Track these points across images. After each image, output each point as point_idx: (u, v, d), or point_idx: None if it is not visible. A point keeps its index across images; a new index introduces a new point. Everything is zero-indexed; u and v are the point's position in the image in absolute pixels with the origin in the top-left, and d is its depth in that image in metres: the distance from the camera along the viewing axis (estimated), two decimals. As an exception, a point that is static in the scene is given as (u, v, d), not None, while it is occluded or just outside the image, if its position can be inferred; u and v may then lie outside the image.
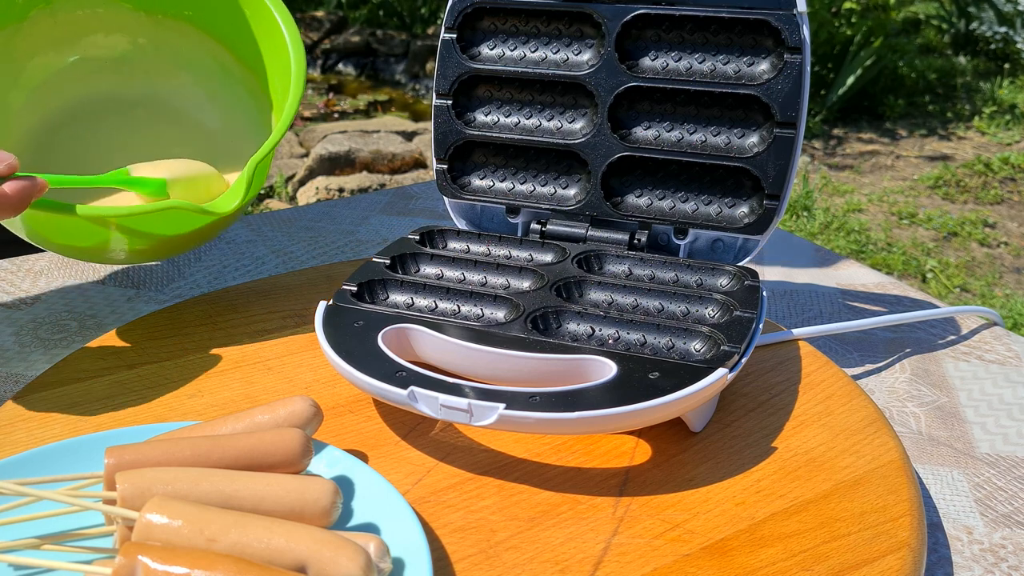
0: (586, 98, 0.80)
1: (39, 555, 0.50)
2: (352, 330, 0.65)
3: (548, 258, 0.77)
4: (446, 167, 0.83)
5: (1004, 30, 5.06)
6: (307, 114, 4.56)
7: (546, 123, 0.82)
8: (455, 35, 0.81)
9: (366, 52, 5.30)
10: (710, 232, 0.77)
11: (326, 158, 3.63)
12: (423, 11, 5.58)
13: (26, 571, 0.50)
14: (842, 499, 0.58)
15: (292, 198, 3.51)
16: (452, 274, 0.75)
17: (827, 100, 4.34)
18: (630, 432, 0.64)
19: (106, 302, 0.87)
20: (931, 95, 4.69)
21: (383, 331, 0.64)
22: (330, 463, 0.57)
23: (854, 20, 4.63)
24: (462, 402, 0.57)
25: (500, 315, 0.69)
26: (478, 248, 0.79)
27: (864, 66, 4.33)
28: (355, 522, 0.53)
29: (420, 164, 3.74)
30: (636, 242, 0.78)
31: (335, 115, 4.55)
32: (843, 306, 0.91)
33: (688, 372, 0.59)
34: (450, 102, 0.82)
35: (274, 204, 3.44)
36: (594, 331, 0.66)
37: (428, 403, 0.58)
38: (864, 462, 0.61)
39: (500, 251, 0.79)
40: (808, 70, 0.72)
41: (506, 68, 0.81)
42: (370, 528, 0.52)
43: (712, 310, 0.68)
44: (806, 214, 3.37)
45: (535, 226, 0.81)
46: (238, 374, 0.71)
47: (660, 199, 0.79)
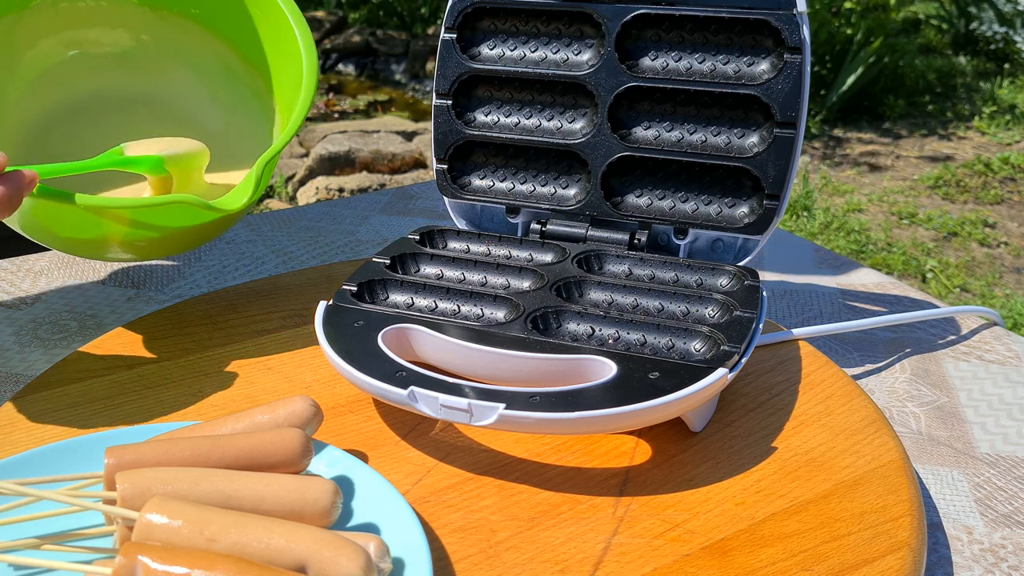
0: (586, 98, 0.80)
1: (39, 555, 0.50)
2: (352, 330, 0.65)
3: (548, 258, 0.77)
4: (446, 167, 0.83)
5: (1004, 30, 5.06)
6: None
7: (546, 123, 0.82)
8: (455, 35, 0.81)
9: (366, 52, 5.30)
10: (710, 232, 0.77)
11: (326, 158, 3.63)
12: (423, 11, 5.58)
13: (26, 571, 0.50)
14: (842, 499, 0.58)
15: (292, 198, 3.51)
16: (452, 274, 0.75)
17: (827, 100, 4.34)
18: (630, 432, 0.64)
19: (106, 302, 0.87)
20: (931, 95, 4.69)
21: (383, 331, 0.64)
22: (330, 463, 0.57)
23: (854, 20, 4.63)
24: (462, 402, 0.57)
25: (500, 315, 0.69)
26: (478, 248, 0.79)
27: (864, 66, 4.33)
28: (355, 522, 0.53)
29: (420, 164, 3.74)
30: (636, 242, 0.78)
31: (335, 115, 4.55)
32: (843, 306, 0.91)
33: (688, 372, 0.59)
34: (450, 102, 0.82)
35: (274, 204, 3.44)
36: (594, 331, 0.66)
37: (428, 403, 0.58)
38: (864, 462, 0.61)
39: (500, 251, 0.79)
40: (808, 70, 0.72)
41: (506, 68, 0.81)
42: (370, 528, 0.52)
43: (712, 310, 0.68)
44: (806, 214, 3.37)
45: (535, 226, 0.81)
46: (238, 374, 0.71)
47: (660, 199, 0.79)
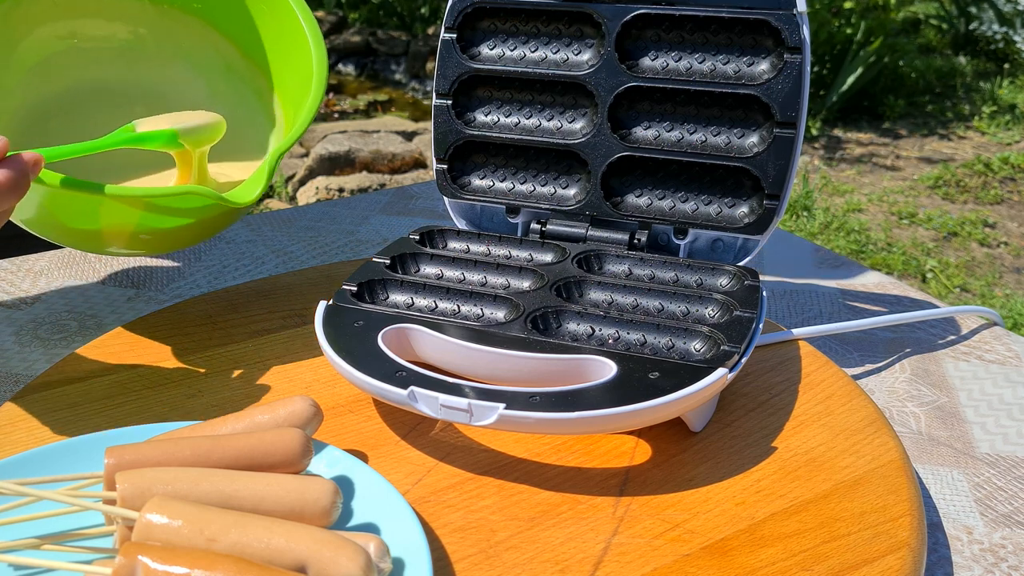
0: (586, 98, 0.80)
1: (39, 555, 0.50)
2: (352, 330, 0.65)
3: (548, 258, 0.77)
4: (446, 167, 0.83)
5: (1004, 30, 5.06)
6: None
7: (546, 123, 0.82)
8: (455, 35, 0.81)
9: (366, 52, 5.30)
10: (710, 232, 0.77)
11: (326, 158, 3.63)
12: (423, 11, 5.57)
13: (26, 571, 0.50)
14: (842, 499, 0.58)
15: (292, 198, 3.51)
16: (452, 274, 0.75)
17: (827, 100, 4.34)
18: (630, 432, 0.64)
19: (106, 302, 0.87)
20: (931, 95, 4.69)
21: (383, 331, 0.64)
22: (330, 463, 0.57)
23: (854, 20, 4.63)
24: (462, 402, 0.57)
25: (500, 315, 0.69)
26: (478, 248, 0.79)
27: (864, 66, 4.33)
28: (355, 522, 0.53)
29: (420, 164, 3.74)
30: (636, 242, 0.78)
31: (335, 115, 4.55)
32: (843, 306, 0.91)
33: (688, 372, 0.59)
34: (450, 102, 0.82)
35: (274, 204, 3.44)
36: (594, 331, 0.66)
37: (428, 403, 0.58)
38: (864, 462, 0.61)
39: (500, 251, 0.79)
40: (808, 70, 0.72)
41: (506, 68, 0.81)
42: (370, 528, 0.52)
43: (712, 310, 0.68)
44: (806, 214, 3.37)
45: (535, 226, 0.81)
46: (238, 374, 0.71)
47: (660, 199, 0.79)
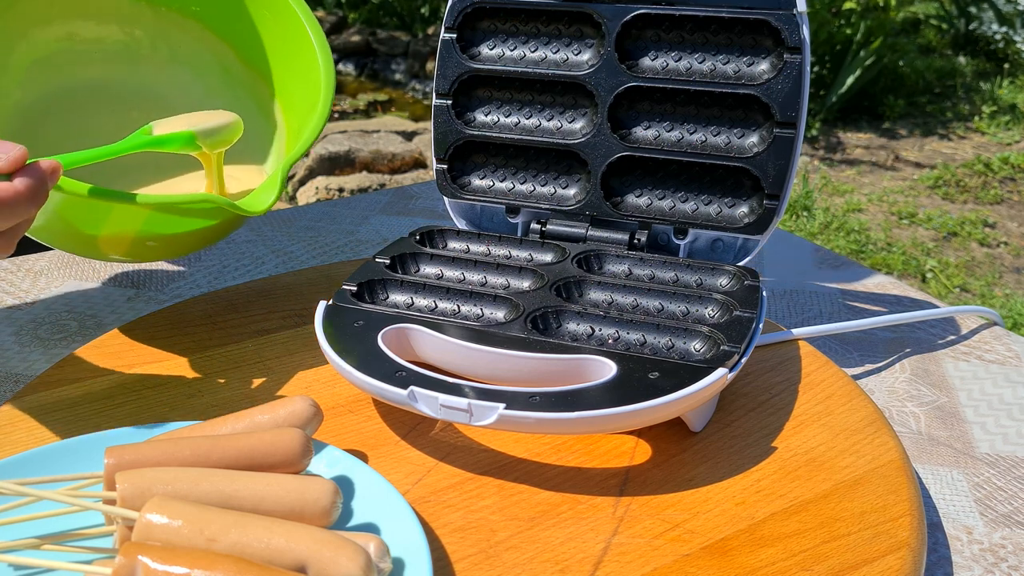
0: (586, 98, 0.80)
1: (39, 555, 0.50)
2: (352, 330, 0.65)
3: (548, 258, 0.77)
4: (446, 167, 0.83)
5: (1004, 30, 5.06)
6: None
7: (546, 123, 0.82)
8: (455, 35, 0.81)
9: (366, 52, 5.30)
10: (710, 232, 0.77)
11: (326, 158, 3.63)
12: (423, 11, 5.57)
13: (26, 571, 0.50)
14: (842, 499, 0.58)
15: (292, 198, 3.51)
16: (452, 274, 0.75)
17: (827, 100, 4.34)
18: (630, 432, 0.64)
19: (106, 302, 0.87)
20: (931, 95, 4.69)
21: (383, 331, 0.64)
22: (330, 463, 0.57)
23: (854, 20, 4.63)
24: (462, 402, 0.57)
25: (500, 315, 0.68)
26: (478, 248, 0.79)
27: (864, 66, 4.33)
28: (355, 522, 0.53)
29: (420, 164, 3.74)
30: (636, 242, 0.78)
31: (335, 115, 4.55)
32: (843, 306, 0.91)
33: (688, 372, 0.59)
34: (450, 102, 0.82)
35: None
36: (594, 331, 0.66)
37: (428, 403, 0.58)
38: (864, 462, 0.61)
39: (500, 251, 0.79)
40: (808, 70, 0.72)
41: (506, 68, 0.81)
42: (370, 528, 0.52)
43: (712, 310, 0.68)
44: (806, 214, 3.37)
45: (535, 226, 0.81)
46: (238, 374, 0.71)
47: (660, 199, 0.79)
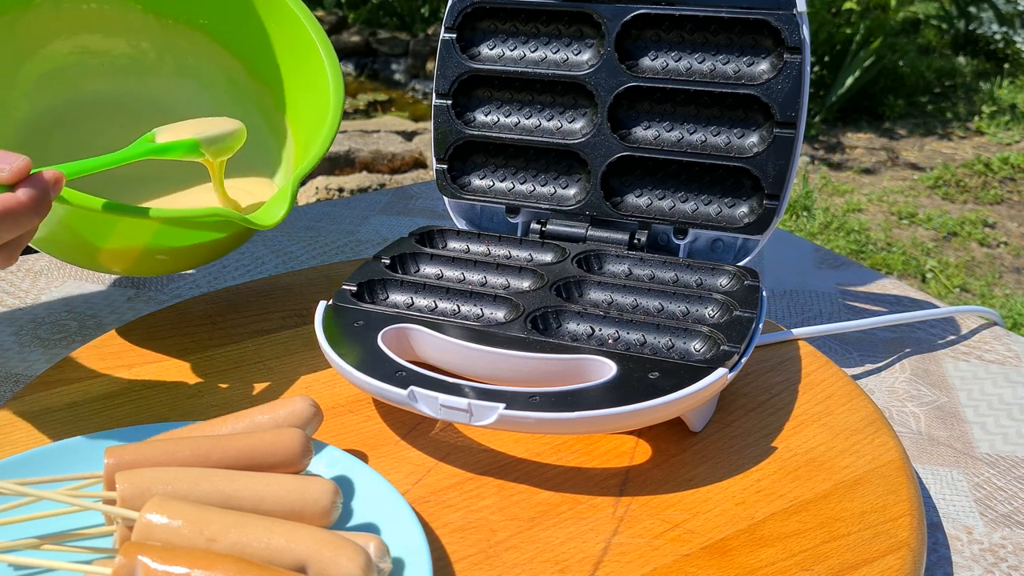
0: (586, 98, 0.80)
1: (39, 555, 0.50)
2: (352, 330, 0.65)
3: (548, 258, 0.77)
4: (446, 167, 0.83)
5: (1004, 30, 5.06)
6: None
7: (546, 123, 0.82)
8: (455, 35, 0.81)
9: (366, 52, 5.30)
10: (710, 232, 0.77)
11: (326, 158, 3.63)
12: (423, 11, 5.57)
13: (26, 571, 0.50)
14: (842, 499, 0.58)
15: (292, 198, 3.51)
16: (452, 274, 0.75)
17: (827, 100, 4.34)
18: (630, 432, 0.64)
19: (106, 302, 0.87)
20: (931, 95, 4.69)
21: (383, 331, 0.64)
22: (330, 463, 0.57)
23: (854, 20, 4.63)
24: (462, 402, 0.57)
25: (500, 315, 0.68)
26: (478, 248, 0.79)
27: (864, 66, 4.33)
28: (355, 522, 0.53)
29: (420, 164, 3.74)
30: (636, 242, 0.78)
31: (335, 115, 4.54)
32: (843, 306, 0.91)
33: (688, 372, 0.59)
34: (450, 102, 0.82)
35: (274, 204, 3.43)
36: (594, 331, 0.66)
37: (428, 403, 0.58)
38: (864, 462, 0.61)
39: (500, 251, 0.79)
40: (808, 70, 0.72)
41: (506, 68, 0.81)
42: (370, 528, 0.52)
43: (712, 310, 0.68)
44: (806, 214, 3.37)
45: (535, 226, 0.81)
46: (238, 374, 0.71)
47: (660, 199, 0.79)
